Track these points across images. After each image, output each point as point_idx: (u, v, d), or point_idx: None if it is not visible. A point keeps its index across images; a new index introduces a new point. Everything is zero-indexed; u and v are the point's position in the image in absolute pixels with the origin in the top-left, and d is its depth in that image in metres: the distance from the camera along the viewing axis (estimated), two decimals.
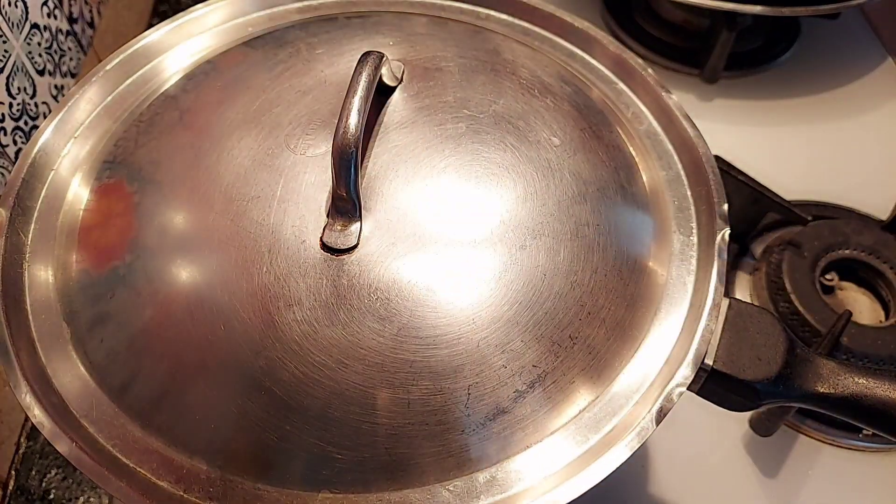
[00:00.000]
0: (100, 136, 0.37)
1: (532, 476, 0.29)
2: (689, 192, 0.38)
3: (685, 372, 0.31)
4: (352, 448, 0.29)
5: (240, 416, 0.29)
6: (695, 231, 0.36)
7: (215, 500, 0.29)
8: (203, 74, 0.38)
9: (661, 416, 0.30)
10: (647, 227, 0.36)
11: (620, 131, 0.38)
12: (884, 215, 0.59)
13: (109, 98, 0.39)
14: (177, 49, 0.41)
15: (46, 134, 0.36)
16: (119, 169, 0.35)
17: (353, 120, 0.29)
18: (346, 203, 0.30)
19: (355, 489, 0.29)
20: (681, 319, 0.34)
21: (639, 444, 0.29)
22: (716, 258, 0.34)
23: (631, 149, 0.38)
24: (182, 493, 0.29)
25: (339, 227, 0.30)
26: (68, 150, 0.37)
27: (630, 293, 0.33)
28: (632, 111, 0.41)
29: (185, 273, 0.31)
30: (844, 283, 0.55)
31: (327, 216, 0.31)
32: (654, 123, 0.40)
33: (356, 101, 0.29)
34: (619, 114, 0.40)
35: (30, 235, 0.34)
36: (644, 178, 0.37)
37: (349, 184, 0.30)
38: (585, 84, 0.40)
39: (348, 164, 0.29)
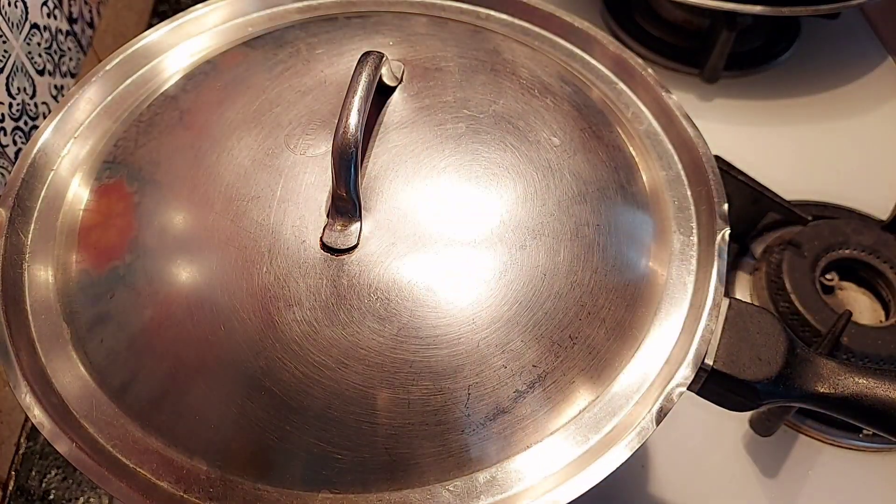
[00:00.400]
0: (100, 137, 0.37)
1: (532, 476, 0.29)
2: (689, 192, 0.38)
3: (685, 372, 0.31)
4: (352, 448, 0.29)
5: (240, 416, 0.29)
6: (695, 231, 0.36)
7: (215, 501, 0.29)
8: (203, 74, 0.38)
9: (661, 416, 0.30)
10: (648, 227, 0.36)
11: (620, 131, 0.38)
12: (884, 215, 0.59)
13: (109, 98, 0.39)
14: (177, 49, 0.41)
15: (46, 134, 0.36)
16: (119, 169, 0.35)
17: (353, 120, 0.29)
18: (345, 203, 0.30)
19: (355, 489, 0.29)
20: (681, 319, 0.34)
21: (639, 444, 0.29)
22: (716, 258, 0.34)
23: (631, 149, 0.38)
24: (182, 494, 0.29)
25: (339, 227, 0.30)
26: (68, 151, 0.37)
27: (630, 293, 0.33)
28: (632, 111, 0.41)
29: (185, 273, 0.31)
30: (844, 283, 0.55)
31: (327, 216, 0.31)
32: (654, 123, 0.40)
33: (356, 101, 0.29)
34: (619, 114, 0.40)
35: (30, 235, 0.34)
36: (644, 178, 0.37)
37: (349, 184, 0.30)
38: (585, 84, 0.40)
39: (348, 164, 0.29)
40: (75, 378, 0.31)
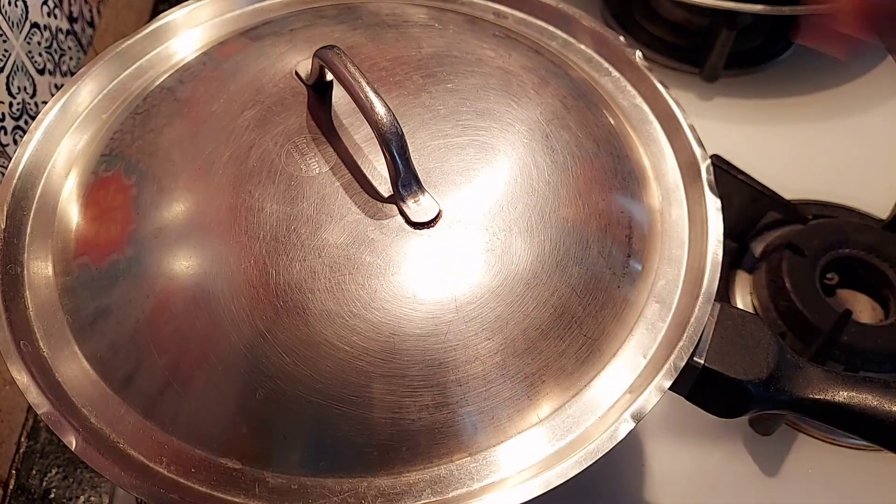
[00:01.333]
0: (97, 130, 0.37)
1: (509, 468, 0.29)
2: (681, 181, 0.38)
3: (669, 369, 0.31)
4: (348, 438, 0.29)
5: (241, 405, 0.29)
6: (687, 226, 0.36)
7: (219, 487, 0.29)
8: (200, 66, 0.38)
9: (638, 416, 0.29)
10: (641, 217, 0.35)
11: (609, 115, 0.39)
12: (884, 214, 0.59)
13: (105, 91, 0.39)
14: (173, 42, 0.41)
15: (43, 128, 0.36)
16: (116, 162, 0.35)
17: (381, 109, 0.30)
18: (409, 179, 0.31)
19: (352, 475, 0.29)
20: (667, 318, 0.33)
21: (615, 443, 0.29)
22: (708, 264, 0.33)
23: (623, 133, 0.38)
24: (186, 481, 0.29)
25: (413, 203, 0.31)
26: (65, 144, 0.37)
27: (620, 290, 0.33)
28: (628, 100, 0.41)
29: (185, 265, 0.31)
30: (844, 282, 0.55)
31: (388, 199, 0.31)
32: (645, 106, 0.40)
33: (368, 91, 0.30)
34: (608, 100, 0.40)
35: (28, 230, 0.34)
36: (637, 165, 0.37)
37: (407, 163, 0.30)
38: (572, 67, 0.41)
39: (401, 146, 0.30)
40: (78, 372, 0.31)
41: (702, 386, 0.33)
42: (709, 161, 0.37)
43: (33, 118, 0.53)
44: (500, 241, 0.31)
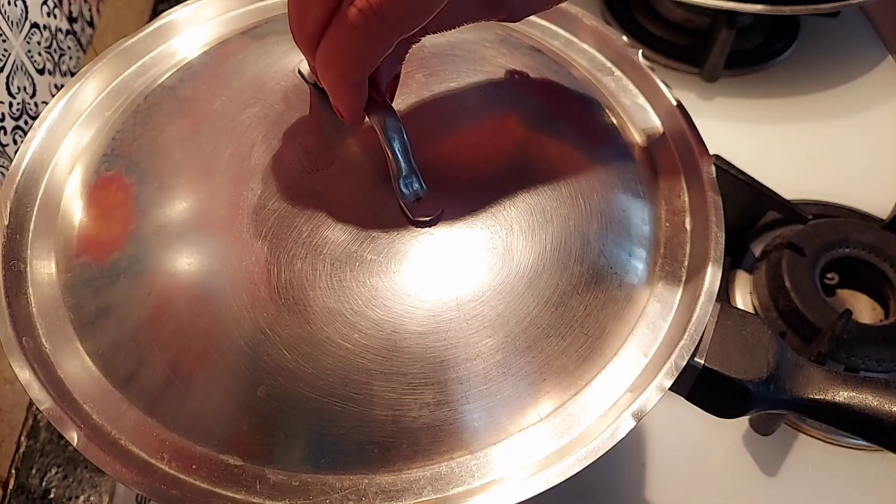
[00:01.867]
0: (98, 129, 0.37)
1: (510, 466, 0.29)
2: (684, 183, 0.38)
3: (670, 368, 0.31)
4: (349, 435, 0.29)
5: (242, 402, 0.29)
6: (688, 225, 0.36)
7: (220, 483, 0.29)
8: (201, 65, 0.38)
9: (639, 415, 0.29)
10: (643, 216, 0.36)
11: (612, 115, 0.39)
12: (884, 214, 0.59)
13: (107, 90, 0.39)
14: (174, 41, 0.41)
15: (44, 127, 0.36)
16: (118, 160, 0.35)
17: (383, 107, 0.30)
18: (411, 178, 0.31)
19: (353, 472, 0.29)
20: (669, 318, 0.33)
21: (618, 440, 0.29)
22: (709, 263, 0.33)
23: (625, 132, 0.38)
24: (187, 478, 0.29)
25: (414, 201, 0.31)
26: (67, 143, 0.37)
27: (621, 289, 0.33)
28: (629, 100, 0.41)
29: (186, 263, 0.31)
30: (845, 282, 0.56)
31: (397, 198, 0.31)
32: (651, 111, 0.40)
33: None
34: (610, 99, 0.40)
35: (31, 229, 0.34)
36: (638, 164, 0.37)
37: (410, 161, 0.31)
38: (572, 65, 0.41)
39: (403, 144, 0.30)
40: (81, 370, 0.31)
41: (702, 386, 0.33)
42: (710, 160, 0.37)
43: (33, 118, 0.53)
44: (501, 239, 0.31)
